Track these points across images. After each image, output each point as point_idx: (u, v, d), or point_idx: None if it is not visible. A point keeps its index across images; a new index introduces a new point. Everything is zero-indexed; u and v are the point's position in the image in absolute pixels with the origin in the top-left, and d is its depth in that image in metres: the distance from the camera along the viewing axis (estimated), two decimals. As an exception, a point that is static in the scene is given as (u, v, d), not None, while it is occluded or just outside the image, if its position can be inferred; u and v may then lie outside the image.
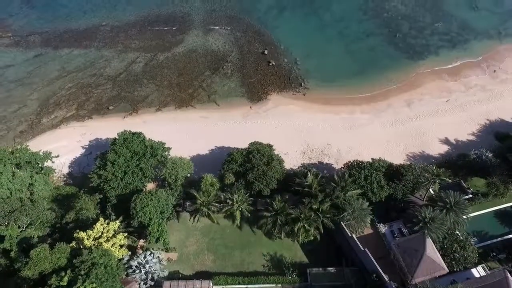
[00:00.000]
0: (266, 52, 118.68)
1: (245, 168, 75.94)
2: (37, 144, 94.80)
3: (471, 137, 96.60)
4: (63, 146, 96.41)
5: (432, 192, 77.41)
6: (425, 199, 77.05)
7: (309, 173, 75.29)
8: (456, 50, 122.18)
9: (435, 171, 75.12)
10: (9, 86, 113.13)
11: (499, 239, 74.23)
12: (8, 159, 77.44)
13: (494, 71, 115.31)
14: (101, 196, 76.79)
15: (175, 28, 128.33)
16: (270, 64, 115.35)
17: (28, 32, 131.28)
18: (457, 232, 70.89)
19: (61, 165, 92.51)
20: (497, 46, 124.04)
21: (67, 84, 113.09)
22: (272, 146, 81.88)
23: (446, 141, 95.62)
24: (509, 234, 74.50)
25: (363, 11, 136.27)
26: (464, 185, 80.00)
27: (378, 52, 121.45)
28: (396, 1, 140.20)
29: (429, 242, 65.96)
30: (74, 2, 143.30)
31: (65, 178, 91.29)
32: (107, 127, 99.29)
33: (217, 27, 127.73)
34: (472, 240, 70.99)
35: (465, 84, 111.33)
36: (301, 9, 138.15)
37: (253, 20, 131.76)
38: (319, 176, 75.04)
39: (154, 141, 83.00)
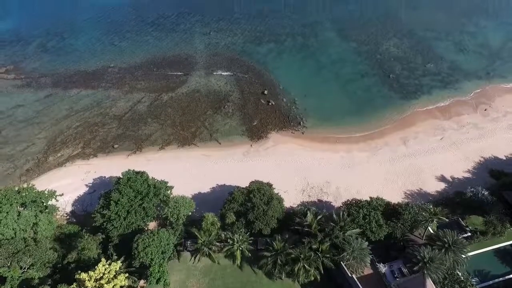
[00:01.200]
0: (266, 92, 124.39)
1: (246, 208, 77.42)
2: (42, 182, 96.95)
3: (467, 174, 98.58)
4: (67, 184, 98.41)
5: (431, 231, 78.08)
6: (424, 238, 77.56)
7: (308, 212, 76.62)
8: (448, 90, 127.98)
9: (432, 210, 76.45)
10: (18, 125, 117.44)
11: (501, 279, 73.35)
12: (15, 199, 79.22)
13: (485, 110, 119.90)
14: (103, 236, 77.60)
15: (179, 72, 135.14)
16: (270, 103, 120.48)
17: (40, 74, 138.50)
18: (458, 272, 70.69)
19: (64, 203, 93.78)
20: (486, 86, 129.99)
21: (75, 123, 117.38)
22: (272, 185, 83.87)
23: (442, 179, 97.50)
24: (511, 274, 74.35)
25: (357, 53, 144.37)
26: (462, 223, 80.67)
27: (373, 92, 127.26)
28: (388, 43, 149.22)
29: (429, 283, 65.82)
30: (86, 46, 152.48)
31: (68, 217, 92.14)
32: (111, 165, 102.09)
33: (219, 69, 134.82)
34: (473, 280, 70.61)
35: (458, 122, 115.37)
36: (299, 51, 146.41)
37: (254, 61, 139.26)
38: (319, 216, 76.21)
39: (157, 180, 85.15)
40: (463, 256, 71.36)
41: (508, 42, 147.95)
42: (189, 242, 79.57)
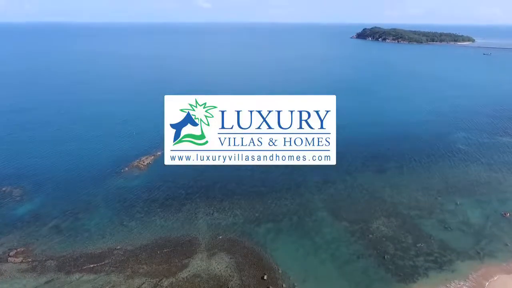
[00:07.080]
0: (265, 277, 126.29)
1: None
2: None
3: None
4: None
5: None
6: None
7: None
8: (444, 272, 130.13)
9: None
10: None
11: None
12: None
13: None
14: None
15: (182, 254, 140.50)
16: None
17: (47, 256, 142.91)
18: None
19: None
20: (480, 265, 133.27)
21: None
22: None
23: None
24: None
25: (350, 233, 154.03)
26: None
27: (371, 275, 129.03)
28: (377, 222, 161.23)
29: None
30: (97, 226, 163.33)
31: None
32: None
33: (221, 251, 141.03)
34: None
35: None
36: (295, 230, 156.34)
37: (253, 243, 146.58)
38: None
39: None
40: None
41: (486, 220, 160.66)
42: None
